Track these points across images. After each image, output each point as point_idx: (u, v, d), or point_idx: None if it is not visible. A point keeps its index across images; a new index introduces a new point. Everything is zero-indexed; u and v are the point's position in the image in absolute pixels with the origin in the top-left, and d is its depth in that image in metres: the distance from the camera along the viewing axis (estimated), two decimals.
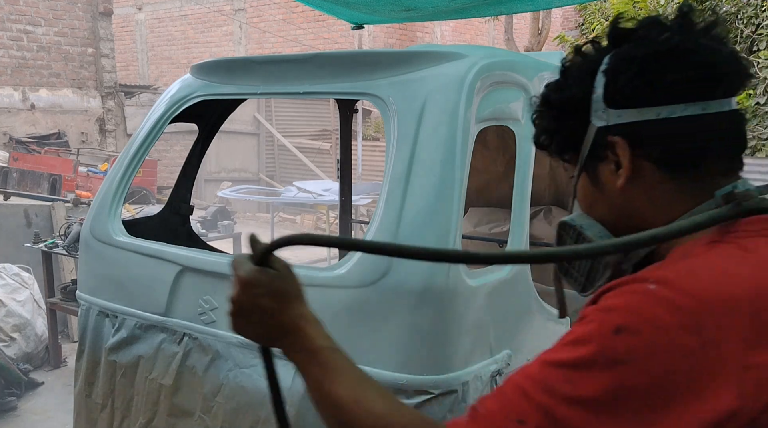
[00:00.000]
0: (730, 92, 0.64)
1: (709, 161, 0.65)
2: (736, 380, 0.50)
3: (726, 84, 0.63)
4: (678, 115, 0.62)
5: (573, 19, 10.14)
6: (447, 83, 1.33)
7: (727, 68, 0.63)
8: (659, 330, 0.51)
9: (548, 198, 2.98)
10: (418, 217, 1.26)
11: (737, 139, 0.68)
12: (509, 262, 0.63)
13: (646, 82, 0.63)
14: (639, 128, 0.64)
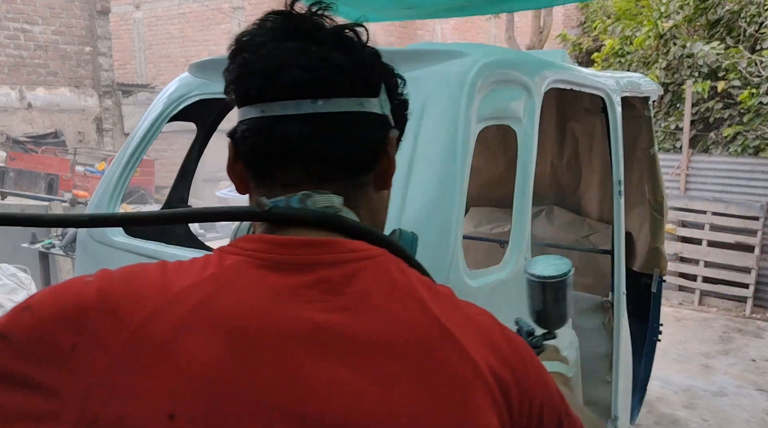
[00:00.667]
0: (283, 95, 0.54)
1: (280, 170, 0.56)
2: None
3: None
4: (249, 116, 0.56)
5: (575, 18, 10.11)
6: (448, 82, 1.31)
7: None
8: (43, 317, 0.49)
9: (550, 198, 2.96)
10: (418, 217, 1.24)
11: (302, 148, 0.55)
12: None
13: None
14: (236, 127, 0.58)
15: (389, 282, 0.53)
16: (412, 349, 0.50)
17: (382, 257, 0.55)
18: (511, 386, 0.53)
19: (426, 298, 0.54)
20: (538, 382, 0.56)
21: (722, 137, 5.43)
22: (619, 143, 1.99)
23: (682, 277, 5.13)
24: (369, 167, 0.59)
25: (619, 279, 2.01)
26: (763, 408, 3.26)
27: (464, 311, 0.57)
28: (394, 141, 0.60)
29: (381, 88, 0.59)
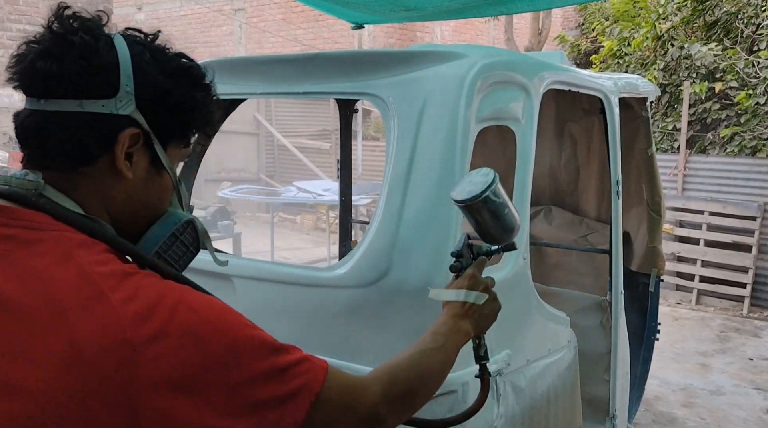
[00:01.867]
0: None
1: (24, 150, 0.70)
2: None
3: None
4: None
5: (573, 19, 10.13)
6: (447, 83, 1.33)
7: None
8: None
9: (548, 198, 2.98)
10: (418, 217, 1.26)
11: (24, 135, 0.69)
12: None
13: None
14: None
15: (51, 254, 0.61)
16: (39, 311, 0.58)
17: (58, 232, 0.63)
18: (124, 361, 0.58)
19: (89, 272, 0.60)
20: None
21: (719, 138, 5.45)
22: (617, 144, 2.01)
23: (680, 277, 5.15)
24: (87, 160, 0.68)
25: (617, 279, 2.03)
26: (761, 406, 3.28)
27: (125, 289, 0.61)
28: (125, 139, 0.68)
29: (118, 90, 0.67)
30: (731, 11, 5.71)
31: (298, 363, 0.68)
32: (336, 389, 0.70)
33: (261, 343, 0.67)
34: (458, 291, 0.91)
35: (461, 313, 0.89)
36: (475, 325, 0.91)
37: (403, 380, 0.78)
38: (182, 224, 0.76)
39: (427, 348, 0.84)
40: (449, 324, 0.88)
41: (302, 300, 1.35)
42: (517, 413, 1.42)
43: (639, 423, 3.03)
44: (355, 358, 1.28)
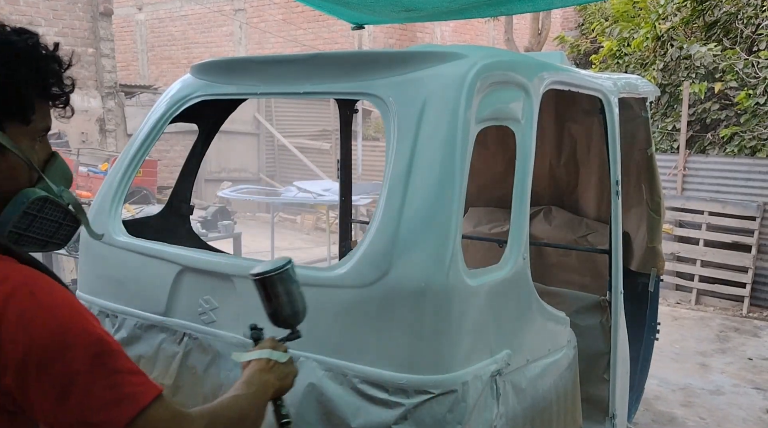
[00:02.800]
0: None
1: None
2: None
3: None
4: None
5: (573, 20, 10.13)
6: (447, 83, 1.33)
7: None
8: None
9: (548, 198, 2.98)
10: (418, 217, 1.27)
11: None
12: None
13: None
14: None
15: None
16: None
17: None
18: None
19: None
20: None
21: (719, 138, 5.46)
22: (616, 144, 2.01)
23: (679, 276, 5.16)
24: None
25: (617, 279, 2.03)
26: (760, 406, 3.28)
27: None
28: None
29: None
30: (731, 11, 5.71)
31: (132, 373, 0.70)
32: (164, 413, 0.72)
33: (98, 341, 0.68)
34: (262, 351, 1.00)
35: (267, 368, 0.98)
36: (279, 379, 0.98)
37: (224, 418, 0.82)
38: (33, 201, 0.76)
39: (242, 393, 0.90)
40: (257, 376, 0.95)
41: None
42: (518, 413, 1.42)
43: (638, 422, 3.03)
44: (355, 358, 1.28)
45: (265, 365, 0.98)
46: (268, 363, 0.98)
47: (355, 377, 1.27)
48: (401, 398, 1.23)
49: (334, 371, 1.30)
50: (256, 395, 0.91)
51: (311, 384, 1.31)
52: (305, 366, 1.34)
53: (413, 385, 1.22)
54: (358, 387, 1.27)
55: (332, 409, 1.29)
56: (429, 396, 1.22)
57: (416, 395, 1.22)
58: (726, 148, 5.37)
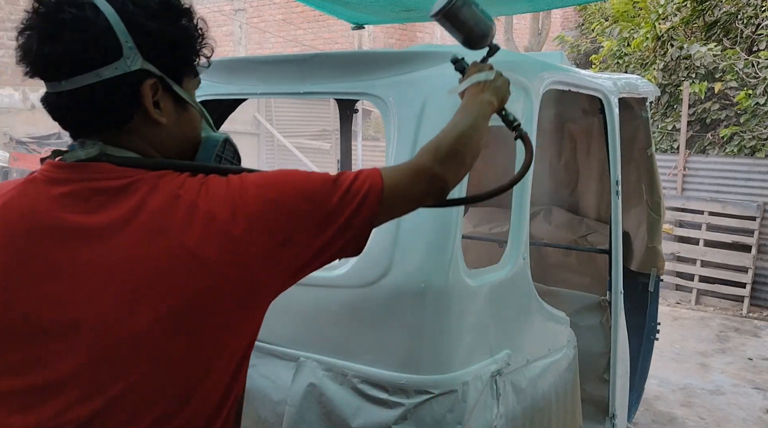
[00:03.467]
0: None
1: (66, 128, 0.80)
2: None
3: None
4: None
5: (573, 20, 10.13)
6: (447, 83, 1.33)
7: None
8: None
9: (548, 198, 2.98)
10: (418, 217, 1.26)
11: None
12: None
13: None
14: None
15: (160, 193, 0.73)
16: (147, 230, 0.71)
17: (152, 177, 0.74)
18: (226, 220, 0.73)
19: (187, 195, 0.73)
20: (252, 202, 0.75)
21: (719, 138, 5.46)
22: (616, 144, 2.01)
23: (679, 276, 5.16)
24: (125, 120, 0.76)
25: (617, 279, 2.03)
26: (760, 406, 3.28)
27: (211, 189, 0.75)
28: (147, 90, 0.75)
29: (122, 50, 0.72)
30: (731, 11, 5.71)
31: (355, 178, 0.82)
32: (395, 175, 0.85)
33: (323, 182, 0.80)
34: (470, 77, 1.08)
35: (479, 90, 1.05)
36: (494, 95, 1.06)
37: (447, 144, 0.92)
38: (221, 144, 0.85)
39: (460, 117, 0.99)
40: (473, 100, 1.04)
41: (302, 300, 1.35)
42: (518, 413, 1.42)
43: (638, 422, 3.03)
44: (355, 358, 1.28)
45: (477, 88, 1.06)
46: (479, 85, 1.06)
47: (355, 377, 1.27)
48: (401, 398, 1.22)
49: (334, 371, 1.30)
50: (475, 116, 0.99)
51: (311, 384, 1.31)
52: (305, 366, 1.34)
53: (413, 385, 1.22)
54: (358, 387, 1.27)
55: (332, 409, 1.28)
56: (429, 396, 1.22)
57: (416, 395, 1.22)
58: (726, 148, 5.37)
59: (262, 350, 1.41)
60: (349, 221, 0.80)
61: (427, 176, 0.88)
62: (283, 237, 0.75)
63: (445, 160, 0.90)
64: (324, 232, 0.78)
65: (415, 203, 0.89)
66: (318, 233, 0.78)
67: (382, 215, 0.84)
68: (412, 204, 0.89)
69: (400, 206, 0.87)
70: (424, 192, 0.89)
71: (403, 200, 0.87)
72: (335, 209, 0.78)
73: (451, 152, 0.91)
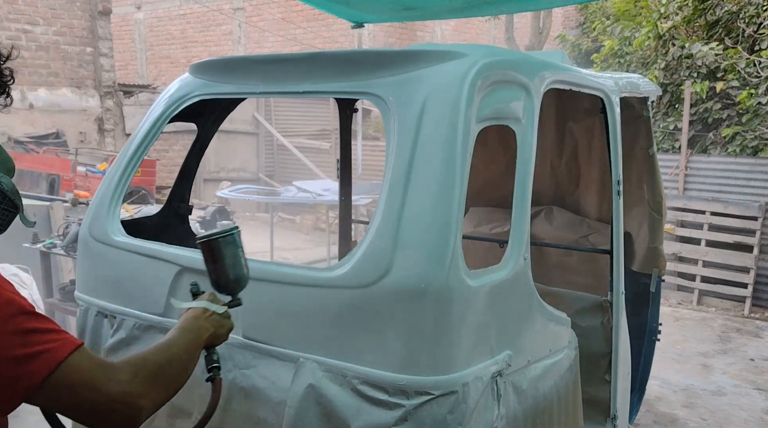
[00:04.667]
0: None
1: None
2: None
3: None
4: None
5: (574, 19, 10.12)
6: (447, 82, 1.32)
7: None
8: None
9: (549, 198, 2.97)
10: (418, 217, 1.26)
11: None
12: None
13: None
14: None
15: None
16: None
17: None
18: None
19: None
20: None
21: (721, 138, 5.44)
22: (618, 144, 2.00)
23: (681, 277, 5.14)
24: None
25: (618, 279, 2.02)
26: (762, 407, 3.27)
27: None
28: None
29: None
30: (732, 10, 5.70)
31: (50, 332, 0.75)
32: (85, 362, 0.76)
33: (10, 302, 0.74)
34: (200, 301, 1.08)
35: (203, 316, 1.04)
36: (215, 328, 1.05)
37: (153, 363, 0.85)
38: None
39: (174, 338, 0.95)
40: (192, 322, 1.02)
41: (302, 301, 1.35)
42: (518, 414, 1.41)
43: (640, 423, 3.02)
44: (355, 359, 1.27)
45: (202, 313, 1.05)
46: (205, 311, 1.05)
47: (355, 378, 1.26)
48: (401, 399, 1.22)
49: (334, 372, 1.29)
50: (189, 340, 0.97)
51: (311, 385, 1.30)
52: (305, 366, 1.33)
53: (413, 386, 1.21)
54: (358, 388, 1.26)
55: (332, 410, 1.28)
56: (429, 397, 1.21)
57: (416, 396, 1.21)
58: (728, 147, 5.36)
59: (261, 350, 1.40)
60: (4, 363, 0.71)
61: (117, 392, 0.77)
62: None
63: (145, 382, 0.80)
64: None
65: (84, 413, 0.76)
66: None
67: (41, 395, 0.74)
68: (82, 414, 0.76)
69: (64, 402, 0.76)
70: (105, 409, 0.76)
71: (71, 398, 0.75)
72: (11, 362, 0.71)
73: (155, 375, 0.83)
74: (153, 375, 0.83)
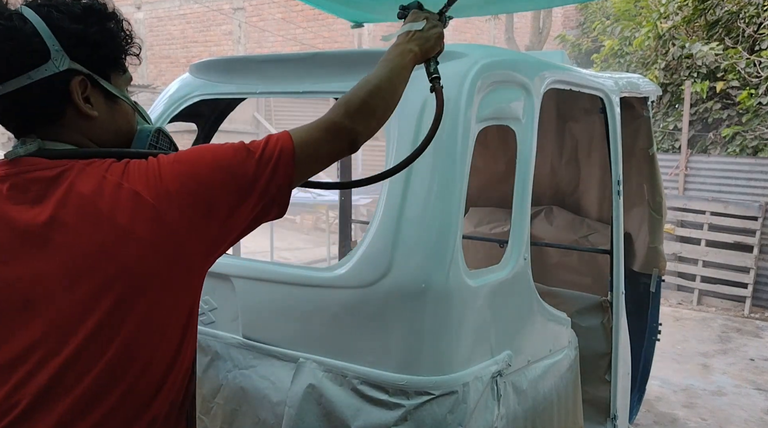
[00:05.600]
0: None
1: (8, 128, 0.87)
2: None
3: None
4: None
5: (574, 18, 10.12)
6: (447, 82, 1.32)
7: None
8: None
9: (549, 198, 2.97)
10: (418, 217, 1.26)
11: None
12: None
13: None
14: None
15: (89, 180, 0.80)
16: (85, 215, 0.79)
17: (81, 164, 0.81)
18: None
19: (114, 177, 0.81)
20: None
21: (721, 138, 5.44)
22: (618, 144, 2.00)
23: (681, 277, 5.15)
24: (58, 115, 0.83)
25: (618, 279, 2.02)
26: (762, 407, 3.27)
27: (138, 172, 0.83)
28: (75, 87, 0.82)
29: (50, 53, 0.79)
30: (732, 10, 5.70)
31: (266, 143, 0.87)
32: (305, 135, 0.90)
33: (235, 151, 0.85)
34: (403, 26, 1.11)
35: (405, 40, 1.09)
36: (419, 45, 1.09)
37: (358, 98, 0.97)
38: (154, 134, 0.91)
39: (378, 69, 1.03)
40: (394, 49, 1.08)
41: (302, 301, 1.35)
42: (518, 414, 1.41)
43: (640, 423, 3.02)
44: (355, 359, 1.28)
45: (405, 37, 1.09)
46: (407, 35, 1.09)
47: (355, 378, 1.26)
48: (401, 399, 1.22)
49: (334, 372, 1.29)
50: (392, 67, 1.03)
51: (311, 385, 1.30)
52: (305, 367, 1.33)
53: (413, 386, 1.21)
54: (358, 388, 1.26)
55: (332, 410, 1.28)
56: (429, 397, 1.21)
57: (416, 396, 1.21)
58: (728, 148, 5.36)
59: (261, 350, 1.40)
60: (268, 185, 0.85)
61: (337, 131, 0.93)
62: (206, 208, 0.81)
63: (355, 114, 0.95)
64: (245, 199, 0.84)
65: (328, 158, 0.94)
66: (239, 200, 0.84)
67: (299, 174, 0.89)
68: (327, 159, 0.94)
69: (315, 163, 0.92)
70: (336, 147, 0.94)
71: (317, 158, 0.92)
72: (252, 176, 0.84)
73: (362, 106, 0.96)
74: (360, 106, 0.96)
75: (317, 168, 0.93)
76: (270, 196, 0.86)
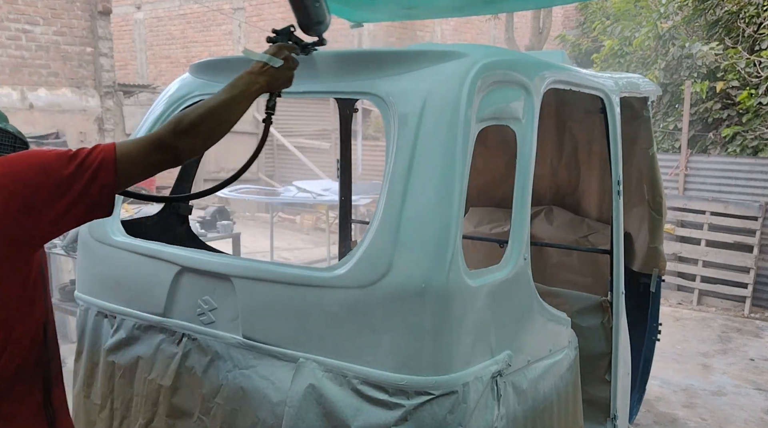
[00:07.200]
0: None
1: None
2: None
3: None
4: None
5: (574, 18, 10.12)
6: (447, 82, 1.32)
7: None
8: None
9: (549, 198, 2.97)
10: (418, 217, 1.25)
11: None
12: None
13: None
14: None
15: None
16: None
17: None
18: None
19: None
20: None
21: (721, 138, 5.44)
22: (618, 144, 2.00)
23: (681, 277, 5.14)
24: None
25: (618, 279, 2.02)
26: (762, 407, 3.27)
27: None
28: None
29: None
30: (732, 10, 5.70)
31: (90, 152, 0.98)
32: (129, 147, 1.00)
33: (57, 156, 0.96)
34: (263, 54, 1.18)
35: (258, 70, 1.16)
36: (268, 82, 1.17)
37: (191, 118, 1.04)
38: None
39: (220, 94, 1.09)
40: (245, 77, 1.14)
41: (302, 301, 1.35)
42: (518, 414, 1.41)
43: (640, 423, 3.02)
44: (355, 359, 1.27)
45: (259, 67, 1.15)
46: (262, 66, 1.16)
47: (355, 378, 1.26)
48: (401, 399, 1.21)
49: (334, 372, 1.29)
50: (235, 95, 1.11)
51: (311, 385, 1.30)
52: (305, 366, 1.33)
53: (413, 386, 1.21)
54: (358, 388, 1.26)
55: (332, 410, 1.28)
56: (429, 397, 1.21)
57: (416, 396, 1.21)
58: (728, 147, 5.36)
59: (261, 350, 1.40)
60: (87, 187, 0.96)
61: (160, 146, 1.02)
62: (21, 205, 0.92)
63: (181, 133, 1.03)
64: (61, 199, 0.95)
65: (151, 168, 1.03)
66: (54, 200, 0.94)
67: (122, 180, 1.00)
68: (150, 169, 1.03)
69: (137, 171, 1.02)
70: (158, 160, 1.03)
71: (139, 167, 1.02)
72: (69, 179, 0.95)
73: (190, 127, 1.04)
74: (190, 125, 1.03)
75: (140, 176, 1.02)
76: (91, 197, 0.97)
